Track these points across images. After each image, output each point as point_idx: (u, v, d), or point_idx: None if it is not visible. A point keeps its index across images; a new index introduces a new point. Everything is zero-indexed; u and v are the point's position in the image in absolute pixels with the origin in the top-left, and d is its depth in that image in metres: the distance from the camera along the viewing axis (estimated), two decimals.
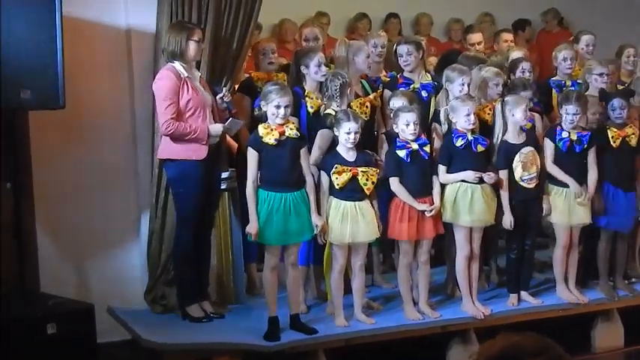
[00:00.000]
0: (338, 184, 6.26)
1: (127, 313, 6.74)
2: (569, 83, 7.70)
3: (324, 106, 6.61)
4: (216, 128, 6.45)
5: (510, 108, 6.72)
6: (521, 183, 6.74)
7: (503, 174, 6.72)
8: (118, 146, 6.94)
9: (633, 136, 7.05)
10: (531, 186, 6.78)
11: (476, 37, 8.86)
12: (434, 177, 6.58)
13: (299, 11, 9.34)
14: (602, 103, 7.18)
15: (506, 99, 6.81)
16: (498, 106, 6.83)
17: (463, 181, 6.58)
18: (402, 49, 7.23)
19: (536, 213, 6.91)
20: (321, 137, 6.52)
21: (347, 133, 6.24)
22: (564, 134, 6.83)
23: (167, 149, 6.42)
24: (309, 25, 8.20)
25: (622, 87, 7.72)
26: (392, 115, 6.61)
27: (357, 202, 6.32)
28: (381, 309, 6.80)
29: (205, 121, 6.41)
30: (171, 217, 6.71)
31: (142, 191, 6.94)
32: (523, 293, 6.99)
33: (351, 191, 6.30)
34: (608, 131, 7.03)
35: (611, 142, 7.00)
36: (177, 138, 6.34)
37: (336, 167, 6.24)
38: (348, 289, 6.52)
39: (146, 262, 6.90)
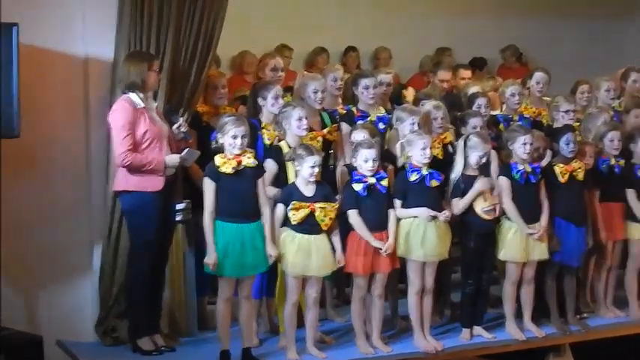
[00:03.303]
0: (295, 220, 6.27)
1: (77, 346, 6.68)
2: (516, 118, 7.84)
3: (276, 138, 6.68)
4: (173, 159, 6.42)
5: (470, 149, 6.79)
6: (483, 215, 6.78)
7: (457, 202, 6.77)
8: (71, 177, 6.87)
9: (580, 170, 7.14)
10: (491, 218, 6.82)
11: (445, 74, 8.91)
12: (390, 211, 6.60)
13: (257, 44, 9.39)
14: (546, 137, 7.30)
15: (469, 137, 6.86)
16: (461, 142, 6.88)
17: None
18: (370, 81, 7.30)
19: (493, 247, 6.95)
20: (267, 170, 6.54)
21: (311, 167, 6.27)
22: (519, 166, 6.89)
23: (123, 181, 6.38)
24: (275, 55, 8.23)
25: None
26: (353, 148, 6.64)
27: (312, 236, 6.33)
28: (333, 342, 6.79)
29: (162, 152, 6.40)
30: (124, 250, 6.66)
31: (96, 223, 6.86)
32: (477, 328, 7.01)
33: (308, 225, 6.31)
34: (555, 167, 7.11)
35: (559, 178, 7.08)
36: (133, 169, 6.30)
37: (294, 204, 6.26)
38: (300, 323, 6.51)
39: (98, 294, 6.83)
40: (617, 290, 7.78)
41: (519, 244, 6.93)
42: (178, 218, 6.75)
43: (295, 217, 6.26)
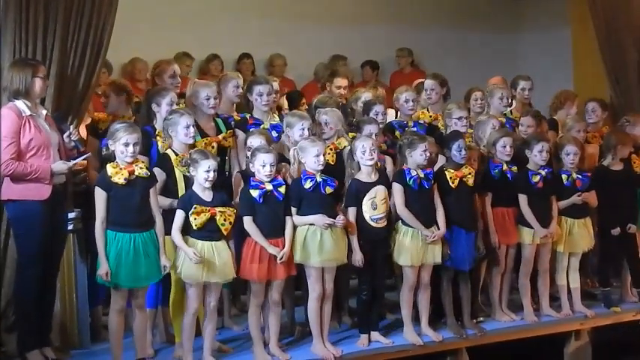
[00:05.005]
0: (196, 225, 6.19)
1: None
2: (410, 124, 7.90)
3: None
4: (60, 167, 6.28)
5: (355, 150, 6.79)
6: (371, 223, 6.78)
7: (351, 212, 6.75)
8: None
9: (470, 176, 7.22)
10: (380, 226, 6.83)
11: (342, 81, 8.95)
12: (287, 218, 6.56)
13: (150, 51, 9.28)
14: (437, 143, 7.39)
15: (353, 142, 6.87)
16: (348, 148, 6.88)
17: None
18: (264, 88, 7.28)
19: (384, 252, 6.96)
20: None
21: (206, 172, 6.21)
22: (413, 172, 6.93)
23: (8, 189, 6.24)
24: (172, 62, 8.15)
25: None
26: (250, 154, 6.59)
27: (213, 242, 6.26)
28: (231, 351, 6.73)
29: (49, 160, 6.26)
30: (11, 261, 6.49)
31: None
32: (374, 333, 7.01)
33: (208, 231, 6.24)
34: (446, 173, 7.18)
35: (450, 183, 7.14)
36: (17, 178, 6.17)
37: (195, 207, 6.19)
38: (196, 332, 6.41)
39: None
40: (511, 294, 7.89)
41: (415, 248, 6.96)
42: (69, 227, 6.61)
43: (197, 221, 6.19)
